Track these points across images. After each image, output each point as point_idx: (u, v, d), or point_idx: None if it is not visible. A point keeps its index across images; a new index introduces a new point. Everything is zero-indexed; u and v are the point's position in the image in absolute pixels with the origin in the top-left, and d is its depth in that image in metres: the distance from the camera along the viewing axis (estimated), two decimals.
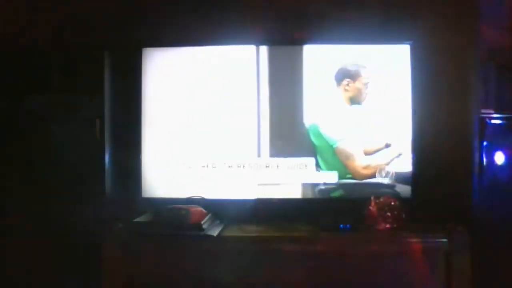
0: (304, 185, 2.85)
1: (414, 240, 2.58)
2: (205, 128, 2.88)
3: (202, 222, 2.63)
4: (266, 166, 2.85)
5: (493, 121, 2.66)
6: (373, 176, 2.83)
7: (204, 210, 2.70)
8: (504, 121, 2.67)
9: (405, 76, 2.81)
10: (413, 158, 2.80)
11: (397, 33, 2.82)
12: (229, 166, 2.87)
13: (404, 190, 2.81)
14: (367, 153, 2.84)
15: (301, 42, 2.86)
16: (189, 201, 2.82)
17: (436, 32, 2.85)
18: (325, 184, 2.84)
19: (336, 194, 2.85)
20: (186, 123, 2.89)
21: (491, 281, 2.61)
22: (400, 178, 2.82)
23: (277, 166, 2.85)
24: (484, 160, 2.67)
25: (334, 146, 2.84)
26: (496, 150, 2.67)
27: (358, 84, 2.83)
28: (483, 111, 2.68)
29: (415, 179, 2.80)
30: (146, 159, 2.89)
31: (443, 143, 2.84)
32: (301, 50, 2.85)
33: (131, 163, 2.89)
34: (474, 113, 2.72)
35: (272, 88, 2.85)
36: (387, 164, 2.82)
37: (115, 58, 2.92)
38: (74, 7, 2.92)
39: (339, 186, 2.84)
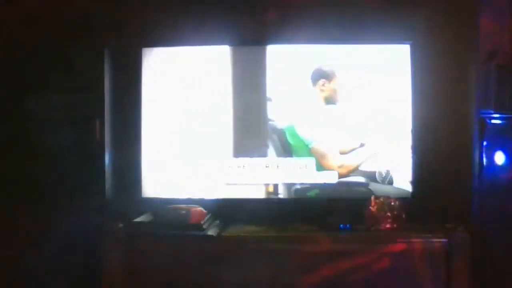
0: (282, 185, 2.86)
1: (414, 240, 2.58)
2: (204, 127, 2.88)
3: (202, 222, 2.63)
4: (266, 166, 2.85)
5: (493, 121, 2.66)
6: (349, 175, 2.84)
7: (204, 210, 2.70)
8: (504, 121, 2.66)
9: (398, 76, 2.81)
10: (413, 158, 2.79)
11: (397, 33, 2.82)
12: (229, 166, 2.87)
13: (400, 191, 2.81)
14: (342, 153, 2.84)
15: (300, 42, 2.87)
16: (189, 201, 2.82)
17: (436, 32, 2.85)
18: (301, 184, 2.84)
19: (312, 193, 2.85)
20: (186, 123, 2.88)
21: (491, 281, 2.61)
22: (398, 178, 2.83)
23: (277, 166, 2.85)
24: (484, 160, 2.66)
25: (309, 146, 2.84)
26: (496, 150, 2.66)
27: (333, 84, 2.83)
28: (483, 111, 2.67)
29: (415, 179, 2.80)
30: (146, 159, 2.89)
31: (443, 143, 2.84)
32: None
33: (131, 163, 2.89)
34: (474, 113, 2.71)
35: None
36: (362, 163, 2.82)
37: (115, 58, 2.92)
38: (74, 7, 2.92)
39: (315, 185, 2.84)
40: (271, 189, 2.86)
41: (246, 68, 2.87)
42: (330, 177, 2.83)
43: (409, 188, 2.81)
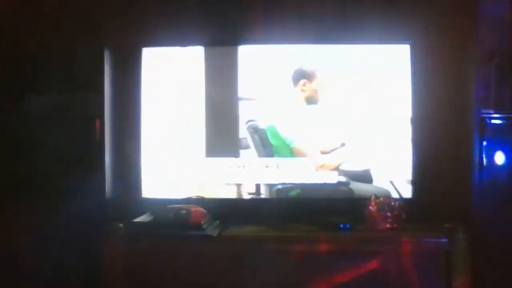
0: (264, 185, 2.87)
1: (414, 240, 2.58)
2: (204, 127, 2.88)
3: (202, 222, 2.63)
4: (266, 166, 2.85)
5: (493, 121, 2.66)
6: None
7: (204, 210, 2.70)
8: (504, 121, 2.66)
9: (397, 76, 2.81)
10: (413, 158, 2.79)
11: (397, 33, 2.82)
12: (229, 166, 2.87)
13: (380, 190, 2.81)
14: (323, 153, 2.85)
15: (300, 42, 2.87)
16: (189, 201, 2.82)
17: (436, 32, 2.85)
18: (282, 184, 2.85)
19: (294, 193, 2.85)
20: (185, 123, 2.88)
21: (491, 281, 2.61)
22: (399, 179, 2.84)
23: (277, 166, 2.85)
24: (484, 160, 2.66)
25: (291, 146, 2.84)
26: (496, 150, 2.66)
27: (314, 84, 2.83)
28: (483, 111, 2.67)
29: (415, 179, 2.80)
30: (145, 159, 2.89)
31: (443, 143, 2.84)
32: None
33: (131, 163, 2.89)
34: (474, 113, 2.71)
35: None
36: (343, 163, 2.83)
37: (115, 58, 2.92)
38: (74, 7, 2.92)
39: (296, 185, 2.84)
40: (253, 189, 2.87)
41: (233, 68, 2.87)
42: (330, 177, 2.83)
43: (389, 186, 2.81)
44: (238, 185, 2.88)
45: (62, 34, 2.89)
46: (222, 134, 2.87)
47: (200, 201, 2.82)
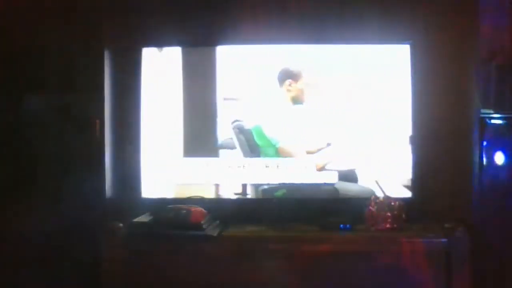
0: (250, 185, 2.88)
1: (414, 240, 2.58)
2: (204, 127, 2.88)
3: (202, 222, 2.63)
4: (266, 166, 2.85)
5: (493, 121, 2.66)
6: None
7: (204, 210, 2.70)
8: (504, 121, 2.66)
9: (395, 76, 2.81)
10: (413, 158, 2.79)
11: (397, 33, 2.82)
12: (229, 166, 2.87)
13: (365, 189, 2.83)
14: (309, 153, 2.85)
15: (300, 42, 2.87)
16: (189, 201, 2.82)
17: (436, 32, 2.85)
18: (268, 184, 2.85)
19: (280, 193, 2.85)
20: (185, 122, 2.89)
21: (491, 281, 2.61)
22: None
23: (277, 166, 2.85)
24: (484, 160, 2.66)
25: (276, 146, 2.84)
26: (496, 150, 2.66)
27: (300, 84, 2.83)
28: (483, 111, 2.67)
29: (415, 179, 2.80)
30: (145, 159, 2.89)
31: (443, 143, 2.84)
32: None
33: (131, 163, 2.89)
34: (474, 113, 2.71)
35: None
36: (329, 163, 2.83)
37: (115, 58, 2.92)
38: (74, 7, 2.92)
39: (282, 185, 2.84)
40: (239, 189, 2.87)
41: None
42: (330, 177, 2.83)
43: (374, 186, 2.82)
44: (221, 186, 2.89)
45: (62, 34, 2.88)
46: (204, 133, 2.87)
47: (200, 201, 2.82)
